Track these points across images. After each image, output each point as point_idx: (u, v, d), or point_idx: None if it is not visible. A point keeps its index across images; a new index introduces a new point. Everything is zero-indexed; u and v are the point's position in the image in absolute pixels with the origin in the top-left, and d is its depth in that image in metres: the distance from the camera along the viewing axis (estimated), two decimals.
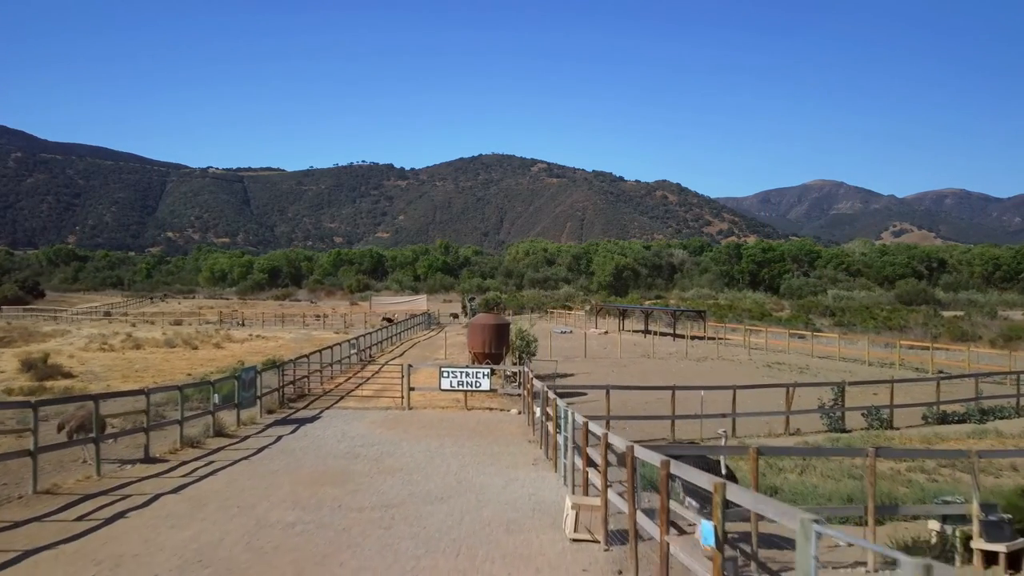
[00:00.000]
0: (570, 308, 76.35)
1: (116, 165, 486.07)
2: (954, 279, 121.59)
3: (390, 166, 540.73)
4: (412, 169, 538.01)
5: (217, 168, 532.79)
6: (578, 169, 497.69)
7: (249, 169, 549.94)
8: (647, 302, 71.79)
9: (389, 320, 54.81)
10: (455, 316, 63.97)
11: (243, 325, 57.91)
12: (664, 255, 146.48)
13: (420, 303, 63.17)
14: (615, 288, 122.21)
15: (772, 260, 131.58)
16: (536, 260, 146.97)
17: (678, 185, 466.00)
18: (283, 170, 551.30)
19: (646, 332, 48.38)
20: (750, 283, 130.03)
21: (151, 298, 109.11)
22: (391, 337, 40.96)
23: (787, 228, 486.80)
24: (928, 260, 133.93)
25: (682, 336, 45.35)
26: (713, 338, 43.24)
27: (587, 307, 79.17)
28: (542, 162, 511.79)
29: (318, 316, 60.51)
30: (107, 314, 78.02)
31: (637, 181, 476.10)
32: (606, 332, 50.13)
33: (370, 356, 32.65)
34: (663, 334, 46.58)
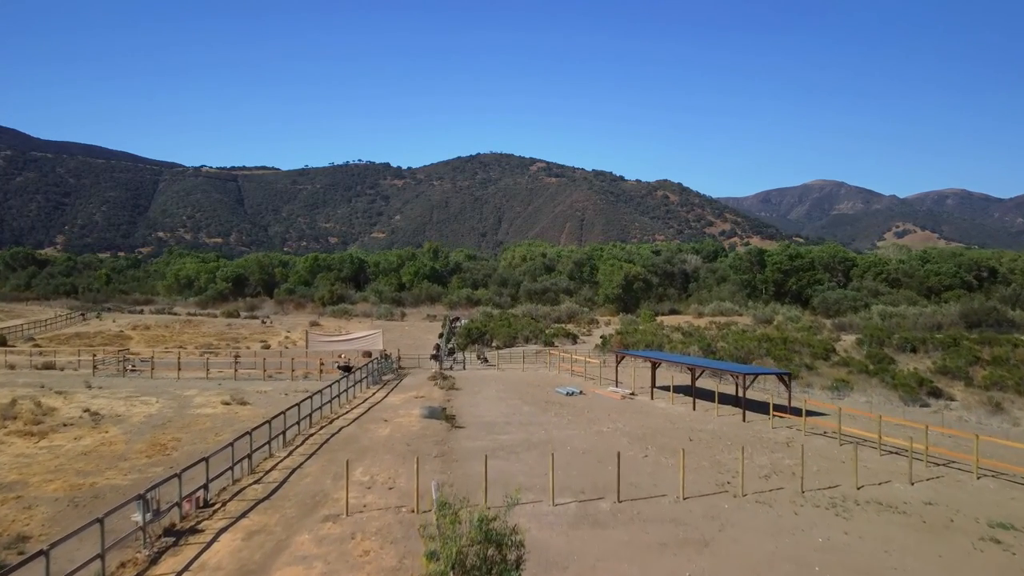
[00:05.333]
0: (576, 338, 60.95)
1: (108, 164, 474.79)
2: (1012, 292, 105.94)
3: (387, 165, 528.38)
4: (409, 168, 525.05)
5: (211, 167, 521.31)
6: (578, 168, 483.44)
7: (243, 168, 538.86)
8: (672, 340, 56.22)
9: (347, 369, 39.39)
10: (435, 356, 47.01)
11: (133, 370, 42.61)
12: (676, 261, 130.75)
13: (375, 339, 47.26)
14: (624, 301, 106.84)
15: (800, 268, 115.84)
16: (534, 267, 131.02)
17: (679, 185, 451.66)
18: (278, 169, 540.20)
19: (694, 395, 32.70)
20: (775, 294, 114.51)
21: (83, 314, 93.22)
22: (302, 420, 25.34)
23: (788, 228, 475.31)
24: (977, 269, 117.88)
25: (758, 408, 29.85)
26: (813, 415, 27.30)
27: (598, 336, 63.89)
28: (541, 161, 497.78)
29: (237, 356, 45.00)
30: (1, 341, 62.62)
31: (638, 181, 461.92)
32: (632, 394, 34.62)
33: (204, 504, 17.01)
34: (724, 398, 31.04)
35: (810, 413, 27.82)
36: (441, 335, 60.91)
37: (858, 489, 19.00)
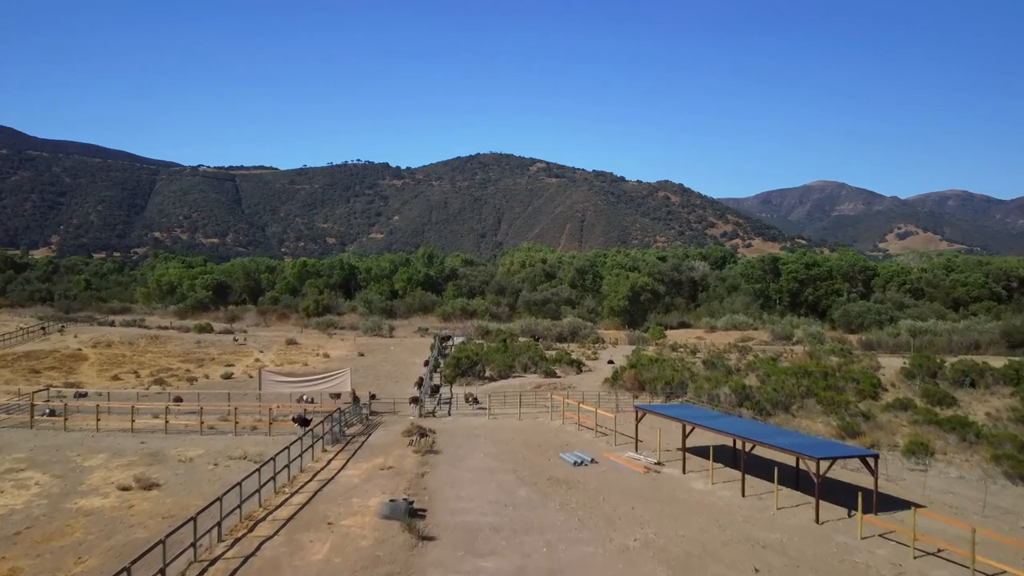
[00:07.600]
0: (580, 365, 53.53)
1: (105, 163, 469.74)
2: None
3: (385, 165, 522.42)
4: (408, 168, 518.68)
5: (208, 166, 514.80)
6: (578, 169, 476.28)
7: (241, 168, 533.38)
8: (696, 376, 48.80)
9: (304, 423, 32.09)
10: (415, 399, 38.98)
11: (51, 414, 35.38)
12: (683, 268, 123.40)
13: (341, 380, 39.53)
14: (630, 314, 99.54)
15: (818, 278, 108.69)
16: (534, 274, 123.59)
17: (680, 186, 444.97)
18: (276, 169, 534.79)
19: (744, 471, 25.27)
20: (790, 305, 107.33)
21: (44, 327, 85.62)
22: (204, 536, 17.81)
23: (789, 229, 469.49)
24: (1006, 278, 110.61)
25: (829, 492, 22.49)
26: (894, 502, 19.80)
27: (605, 360, 56.57)
28: (541, 161, 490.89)
29: (178, 399, 37.60)
30: None
31: (639, 181, 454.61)
32: (659, 464, 27.29)
33: None
34: (785, 473, 23.69)
35: (892, 501, 20.30)
36: (427, 362, 53.51)
37: None
